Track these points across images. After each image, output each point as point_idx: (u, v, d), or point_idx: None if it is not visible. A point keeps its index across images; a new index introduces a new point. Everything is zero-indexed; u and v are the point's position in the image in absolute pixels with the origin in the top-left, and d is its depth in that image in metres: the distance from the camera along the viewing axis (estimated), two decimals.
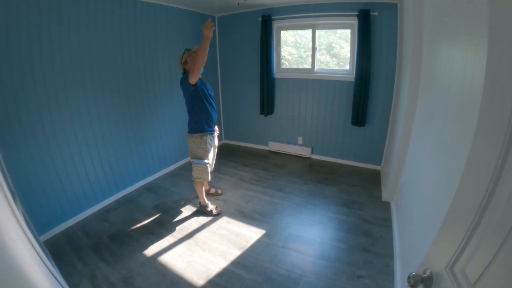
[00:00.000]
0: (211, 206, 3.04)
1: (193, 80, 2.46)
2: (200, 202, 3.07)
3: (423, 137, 2.11)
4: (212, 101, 2.76)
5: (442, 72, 1.71)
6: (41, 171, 2.59)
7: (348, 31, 3.92)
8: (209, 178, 2.93)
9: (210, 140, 2.85)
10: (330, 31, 4.13)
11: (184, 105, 2.74)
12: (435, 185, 1.55)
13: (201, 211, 3.07)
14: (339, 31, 4.10)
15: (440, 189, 1.43)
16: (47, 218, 2.71)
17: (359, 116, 3.83)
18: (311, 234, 2.66)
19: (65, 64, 2.64)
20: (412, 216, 2.08)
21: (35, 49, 2.40)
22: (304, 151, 4.52)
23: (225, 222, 2.88)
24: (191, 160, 2.87)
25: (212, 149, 2.95)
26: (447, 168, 1.36)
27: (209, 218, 2.94)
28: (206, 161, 2.82)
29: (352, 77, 3.83)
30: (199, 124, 2.72)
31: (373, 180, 3.76)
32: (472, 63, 1.14)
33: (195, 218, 2.97)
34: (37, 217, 2.57)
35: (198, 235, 2.68)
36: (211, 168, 2.99)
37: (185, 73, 2.62)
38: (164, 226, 2.84)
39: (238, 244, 2.55)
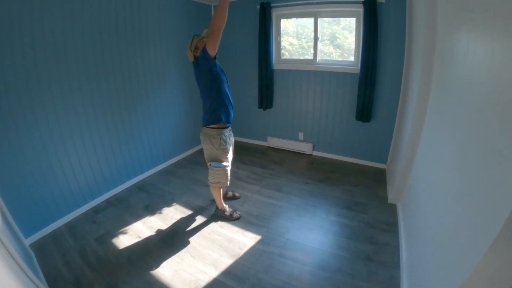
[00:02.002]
0: (229, 210, 2.80)
1: (212, 48, 2.04)
2: (217, 206, 2.81)
3: (436, 135, 1.92)
4: (229, 89, 2.40)
5: (461, 64, 1.52)
6: (25, 170, 2.43)
7: (352, 21, 3.67)
8: (228, 182, 2.63)
9: (229, 138, 2.51)
10: (333, 22, 3.87)
11: (174, 102, 2.52)
12: (451, 191, 1.39)
13: (219, 216, 2.81)
14: (343, 21, 3.85)
15: (458, 196, 1.28)
16: (34, 220, 2.58)
17: (364, 111, 3.60)
18: (311, 241, 2.47)
19: (48, 56, 2.44)
20: (422, 222, 1.90)
21: (15, 39, 2.20)
22: (305, 148, 4.31)
23: (217, 226, 2.70)
24: (208, 164, 2.53)
25: (231, 148, 2.59)
26: (466, 172, 1.22)
27: (200, 221, 2.77)
28: (225, 163, 2.51)
29: (357, 69, 3.59)
30: (219, 112, 2.31)
31: (377, 179, 3.56)
32: (500, 53, 0.96)
33: (186, 221, 2.79)
34: (22, 219, 2.46)
35: (188, 240, 2.51)
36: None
37: (196, 62, 2.28)
38: (153, 228, 2.68)
39: (231, 251, 2.37)
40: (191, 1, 4.00)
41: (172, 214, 2.89)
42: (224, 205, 2.79)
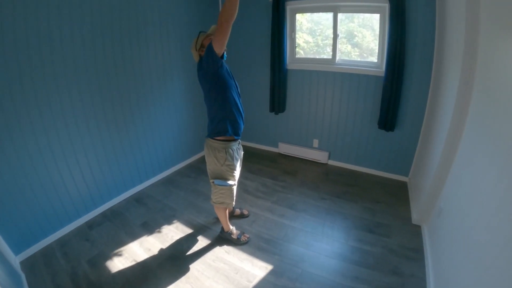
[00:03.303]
0: (236, 233, 2.56)
1: (220, 44, 1.77)
2: (222, 228, 2.57)
3: (480, 155, 1.67)
4: (239, 97, 2.12)
5: None
6: (10, 183, 2.25)
7: (371, 18, 3.41)
8: (234, 202, 2.35)
9: (237, 152, 2.23)
10: (346, 19, 3.57)
11: (176, 106, 2.25)
12: (497, 227, 1.23)
13: (225, 238, 2.57)
14: (356, 19, 3.57)
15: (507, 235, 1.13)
16: (24, 236, 2.43)
17: (389, 119, 3.31)
18: (329, 272, 2.21)
19: (32, 53, 2.21)
20: (457, 256, 1.68)
21: (6, 39, 2.01)
22: (320, 156, 4.04)
23: (223, 251, 2.45)
24: (211, 181, 2.25)
25: (239, 163, 2.32)
26: None
27: (203, 244, 2.53)
28: (231, 182, 2.22)
29: (381, 71, 3.29)
30: (225, 123, 2.04)
31: (399, 194, 3.29)
32: None
33: (187, 242, 2.57)
34: (12, 235, 2.32)
35: (189, 267, 2.28)
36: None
37: (200, 62, 2.01)
38: (151, 251, 2.46)
39: (238, 283, 2.12)
40: None
41: (172, 234, 2.67)
42: (231, 226, 2.54)
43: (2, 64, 2.05)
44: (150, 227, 2.77)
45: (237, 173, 2.28)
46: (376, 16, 3.36)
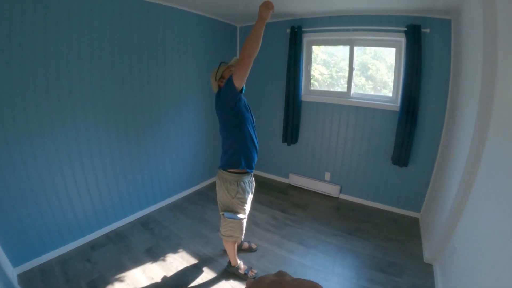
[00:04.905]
0: (244, 268, 2.49)
1: (240, 78, 1.79)
2: (229, 262, 2.51)
3: (500, 194, 1.63)
4: (255, 130, 2.14)
5: None
6: (15, 195, 2.28)
7: (383, 49, 3.53)
8: (243, 236, 2.31)
9: (249, 185, 2.22)
10: (359, 50, 3.66)
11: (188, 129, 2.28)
12: None
13: (232, 273, 2.50)
14: (369, 49, 3.68)
15: None
16: (24, 249, 2.43)
17: (402, 154, 3.30)
18: None
19: (49, 66, 2.32)
20: None
21: (14, 48, 2.10)
22: (331, 190, 4.00)
23: (229, 286, 2.37)
24: (221, 213, 2.23)
25: (250, 196, 2.29)
26: None
27: (209, 277, 2.46)
28: (241, 216, 2.20)
29: (396, 106, 3.33)
30: (239, 156, 2.06)
31: (411, 231, 3.22)
32: None
33: (192, 273, 2.50)
34: (11, 246, 2.33)
35: None
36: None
37: (218, 93, 2.06)
38: (153, 280, 2.40)
39: None
40: (215, 20, 3.90)
41: (177, 264, 2.61)
42: (239, 261, 2.48)
43: (22, 77, 2.17)
44: (155, 254, 2.73)
45: (247, 206, 2.26)
46: (389, 49, 3.46)
